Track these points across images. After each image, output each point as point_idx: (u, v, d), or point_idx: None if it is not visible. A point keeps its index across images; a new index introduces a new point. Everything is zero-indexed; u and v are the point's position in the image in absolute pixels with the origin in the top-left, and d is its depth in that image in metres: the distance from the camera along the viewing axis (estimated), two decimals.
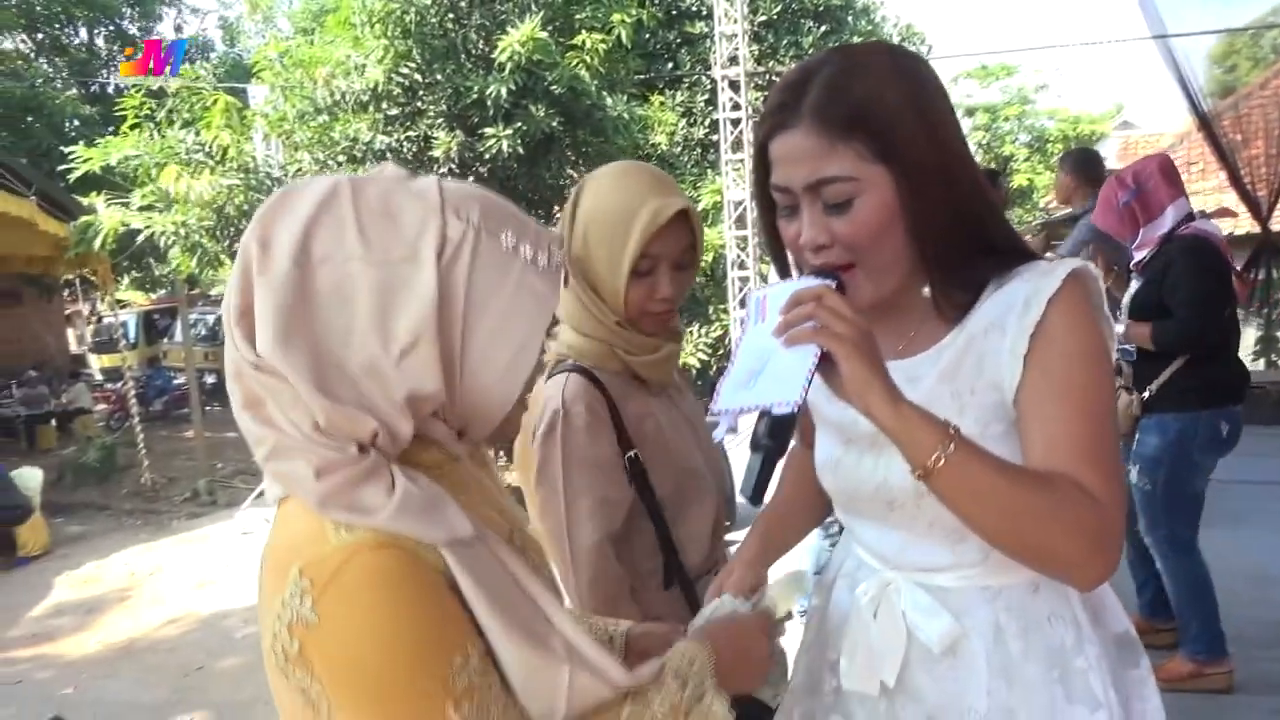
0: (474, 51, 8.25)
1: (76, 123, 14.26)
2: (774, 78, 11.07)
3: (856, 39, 12.17)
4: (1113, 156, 15.94)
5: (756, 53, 11.21)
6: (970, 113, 27.34)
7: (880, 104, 1.03)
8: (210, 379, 14.86)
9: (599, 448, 1.47)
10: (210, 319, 17.19)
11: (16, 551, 8.42)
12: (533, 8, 8.17)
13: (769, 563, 1.35)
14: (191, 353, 11.99)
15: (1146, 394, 3.22)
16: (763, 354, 1.01)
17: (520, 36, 7.50)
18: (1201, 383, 3.16)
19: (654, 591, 1.54)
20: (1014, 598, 1.13)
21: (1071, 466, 0.99)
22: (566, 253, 1.53)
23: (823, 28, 11.84)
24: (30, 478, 9.02)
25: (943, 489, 0.97)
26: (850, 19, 12.75)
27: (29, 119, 13.52)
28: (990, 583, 1.14)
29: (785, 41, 11.56)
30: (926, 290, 1.14)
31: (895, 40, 13.84)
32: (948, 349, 1.11)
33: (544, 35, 7.65)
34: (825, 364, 0.97)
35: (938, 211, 1.05)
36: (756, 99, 9.95)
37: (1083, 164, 4.26)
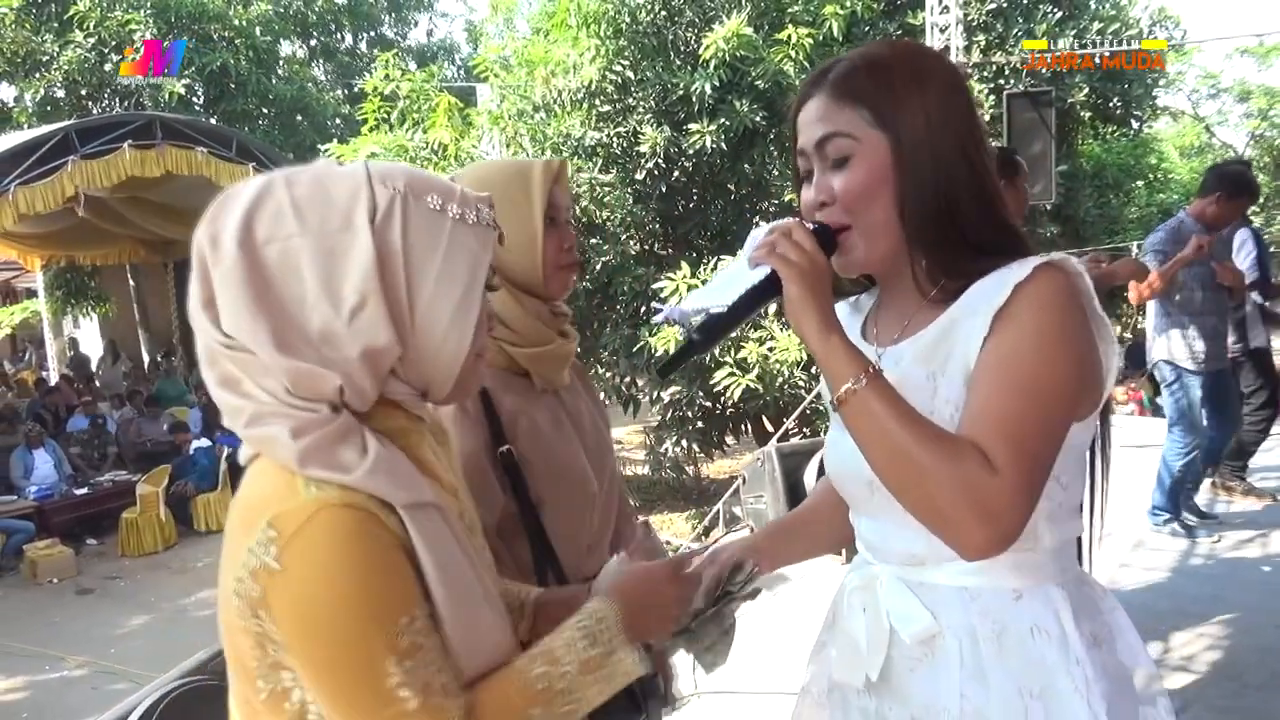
0: (683, 48, 8.43)
1: (338, 121, 15.70)
2: (1006, 70, 10.50)
3: (1097, 25, 11.30)
4: None
5: (983, 43, 10.68)
6: (1244, 97, 24.57)
7: (887, 80, 1.13)
8: None
9: (457, 441, 1.44)
10: None
11: None
12: (742, 2, 8.23)
13: (772, 556, 1.39)
14: None
15: None
16: (733, 273, 1.15)
17: (724, 33, 7.60)
18: None
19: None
20: (992, 602, 1.14)
21: (984, 436, 1.01)
22: None
23: (1059, 13, 11.08)
24: None
25: (848, 419, 1.05)
26: (1092, 3, 11.86)
27: (298, 118, 15.04)
28: (969, 583, 1.15)
29: (1016, 30, 10.90)
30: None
31: (1145, 25, 12.73)
32: (929, 332, 1.15)
33: (748, 31, 7.71)
34: (779, 288, 1.09)
35: (922, 186, 1.11)
36: (979, 93, 9.48)
37: None
